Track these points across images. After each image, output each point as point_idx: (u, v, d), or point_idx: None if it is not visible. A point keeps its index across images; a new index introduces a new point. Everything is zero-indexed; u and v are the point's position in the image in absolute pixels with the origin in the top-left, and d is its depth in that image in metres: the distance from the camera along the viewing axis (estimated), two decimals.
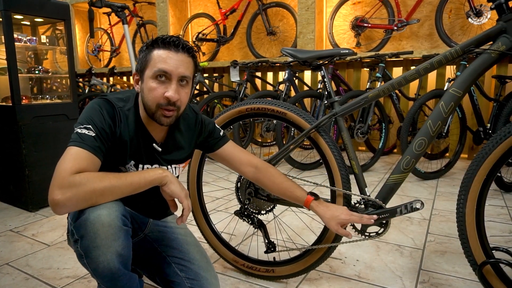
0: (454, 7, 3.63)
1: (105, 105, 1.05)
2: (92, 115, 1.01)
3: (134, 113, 1.09)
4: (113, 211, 0.95)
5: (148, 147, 1.12)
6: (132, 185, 0.97)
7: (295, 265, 1.40)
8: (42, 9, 2.32)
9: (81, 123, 1.00)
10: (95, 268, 0.94)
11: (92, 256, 0.92)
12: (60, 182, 0.90)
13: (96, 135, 0.98)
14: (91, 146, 0.96)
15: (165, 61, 1.00)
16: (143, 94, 1.05)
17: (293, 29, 4.48)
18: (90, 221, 0.91)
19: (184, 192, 1.03)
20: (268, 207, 1.44)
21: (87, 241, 0.92)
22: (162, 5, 4.89)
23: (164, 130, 1.16)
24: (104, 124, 1.01)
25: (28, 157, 2.26)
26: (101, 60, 6.24)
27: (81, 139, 0.96)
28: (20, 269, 1.58)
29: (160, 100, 1.01)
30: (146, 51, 1.04)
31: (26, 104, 2.30)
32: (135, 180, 0.97)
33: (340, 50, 1.29)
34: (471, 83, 1.11)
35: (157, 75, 1.00)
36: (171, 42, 1.01)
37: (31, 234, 1.95)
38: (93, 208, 0.93)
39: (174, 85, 1.01)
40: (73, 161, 0.93)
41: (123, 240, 0.96)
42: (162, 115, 1.03)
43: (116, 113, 1.05)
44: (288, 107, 1.36)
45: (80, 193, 0.90)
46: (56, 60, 3.74)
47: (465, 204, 1.13)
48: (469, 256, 1.15)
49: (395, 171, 1.22)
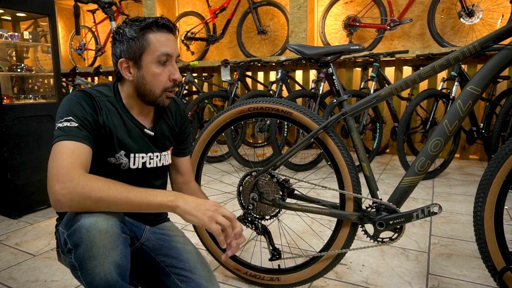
0: (446, 7, 3.63)
1: (82, 95, 0.99)
2: (70, 107, 0.96)
3: (116, 102, 1.05)
4: (111, 216, 0.87)
5: (138, 134, 1.08)
6: (131, 204, 0.88)
7: (302, 272, 1.33)
8: (25, 3, 2.18)
9: (61, 117, 0.94)
10: (90, 281, 0.85)
11: (88, 267, 0.83)
12: (59, 178, 0.84)
13: (79, 124, 0.94)
14: (77, 136, 0.91)
15: (165, 44, 0.99)
16: (144, 81, 1.01)
17: (284, 28, 4.42)
18: (86, 228, 0.83)
19: (206, 217, 0.90)
20: (273, 212, 1.36)
21: (82, 251, 0.83)
22: (149, 3, 4.76)
23: (151, 117, 1.13)
24: (85, 113, 0.96)
25: (10, 160, 2.12)
26: (86, 59, 6.05)
27: (65, 132, 0.91)
28: (3, 282, 1.45)
29: (167, 84, 1.02)
30: (138, 37, 0.99)
31: (8, 104, 2.16)
32: (137, 199, 0.88)
33: (350, 46, 1.22)
34: (490, 81, 1.05)
35: (161, 59, 0.99)
36: (164, 25, 1.00)
37: (15, 243, 1.82)
38: (89, 213, 0.85)
39: (175, 65, 1.02)
40: (65, 156, 0.87)
41: (121, 249, 0.88)
42: (166, 97, 1.04)
43: (95, 103, 1.00)
44: (294, 106, 1.29)
45: (75, 194, 0.83)
46: (37, 58, 3.58)
47: (483, 207, 1.08)
48: (487, 261, 1.10)
49: (409, 173, 1.16)
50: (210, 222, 0.90)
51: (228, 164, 3.56)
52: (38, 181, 2.26)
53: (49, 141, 0.91)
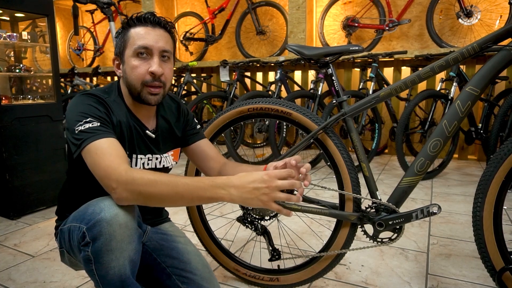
0: (444, 7, 3.64)
1: (91, 98, 0.98)
2: (84, 110, 0.94)
3: (121, 102, 1.05)
4: (130, 210, 0.87)
5: (141, 135, 1.08)
6: (182, 198, 0.85)
7: (302, 273, 1.33)
8: (23, 3, 2.18)
9: (78, 120, 0.92)
10: (104, 275, 0.84)
11: (104, 261, 0.83)
12: (110, 178, 0.84)
13: (101, 123, 0.93)
14: (105, 132, 0.91)
15: (144, 37, 0.98)
16: (126, 75, 1.01)
17: (282, 29, 4.42)
18: (107, 221, 0.83)
19: (262, 202, 0.84)
20: (272, 213, 1.36)
21: (100, 244, 0.82)
22: (148, 3, 4.76)
23: (153, 117, 1.12)
24: (101, 113, 0.96)
25: (8, 161, 2.11)
26: (84, 59, 6.03)
27: (91, 133, 0.90)
28: (2, 283, 1.45)
29: (145, 77, 0.98)
30: (122, 33, 1.01)
31: (6, 104, 2.16)
32: (186, 194, 0.85)
33: (350, 47, 1.23)
34: (489, 82, 1.06)
35: (138, 52, 0.98)
36: (146, 18, 0.99)
37: (13, 244, 1.82)
38: (109, 206, 0.84)
39: (156, 59, 0.98)
40: (105, 156, 0.86)
41: (136, 244, 0.88)
42: (148, 93, 1.00)
43: (105, 104, 1.00)
44: (294, 107, 1.29)
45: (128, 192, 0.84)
46: (35, 59, 3.57)
47: (482, 208, 1.08)
48: (486, 262, 1.10)
49: (408, 173, 1.16)
50: (269, 205, 0.84)
51: None
52: (37, 181, 2.26)
53: (47, 142, 0.91)
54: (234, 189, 0.84)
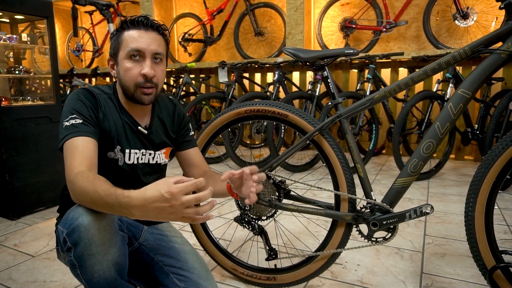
0: (441, 9, 3.67)
1: (84, 93, 1.05)
2: (73, 106, 1.01)
3: (115, 99, 1.10)
4: (109, 214, 0.89)
5: (133, 131, 1.11)
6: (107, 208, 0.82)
7: (298, 272, 1.35)
8: (23, 6, 2.20)
9: (66, 116, 0.99)
10: (89, 279, 0.87)
11: (87, 265, 0.85)
12: (67, 178, 0.91)
13: (84, 121, 0.99)
14: (82, 131, 0.97)
15: (136, 40, 1.01)
16: (120, 76, 1.06)
17: (281, 30, 4.45)
18: (85, 226, 0.85)
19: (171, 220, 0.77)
20: (270, 213, 1.38)
21: (81, 249, 0.85)
22: (146, 4, 4.78)
23: (148, 115, 1.16)
24: (88, 109, 1.02)
25: (8, 162, 2.13)
26: (83, 60, 6.05)
27: (70, 129, 0.96)
28: (2, 283, 1.47)
29: (138, 79, 1.03)
30: (117, 35, 1.05)
31: (6, 106, 2.17)
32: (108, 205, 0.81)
33: (345, 50, 1.25)
34: (480, 84, 1.08)
35: (131, 54, 1.02)
36: (140, 22, 1.03)
37: (13, 244, 1.83)
38: (87, 212, 0.86)
39: (148, 61, 1.02)
40: (71, 156, 0.93)
41: (119, 246, 0.90)
42: (142, 93, 1.04)
43: (96, 99, 1.06)
44: (290, 108, 1.31)
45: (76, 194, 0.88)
46: (34, 60, 3.58)
47: (474, 208, 1.11)
48: (478, 260, 1.12)
49: (402, 174, 1.18)
50: (180, 220, 0.77)
51: (225, 165, 3.57)
52: (37, 182, 2.28)
53: (47, 143, 0.96)
54: (136, 210, 0.76)
